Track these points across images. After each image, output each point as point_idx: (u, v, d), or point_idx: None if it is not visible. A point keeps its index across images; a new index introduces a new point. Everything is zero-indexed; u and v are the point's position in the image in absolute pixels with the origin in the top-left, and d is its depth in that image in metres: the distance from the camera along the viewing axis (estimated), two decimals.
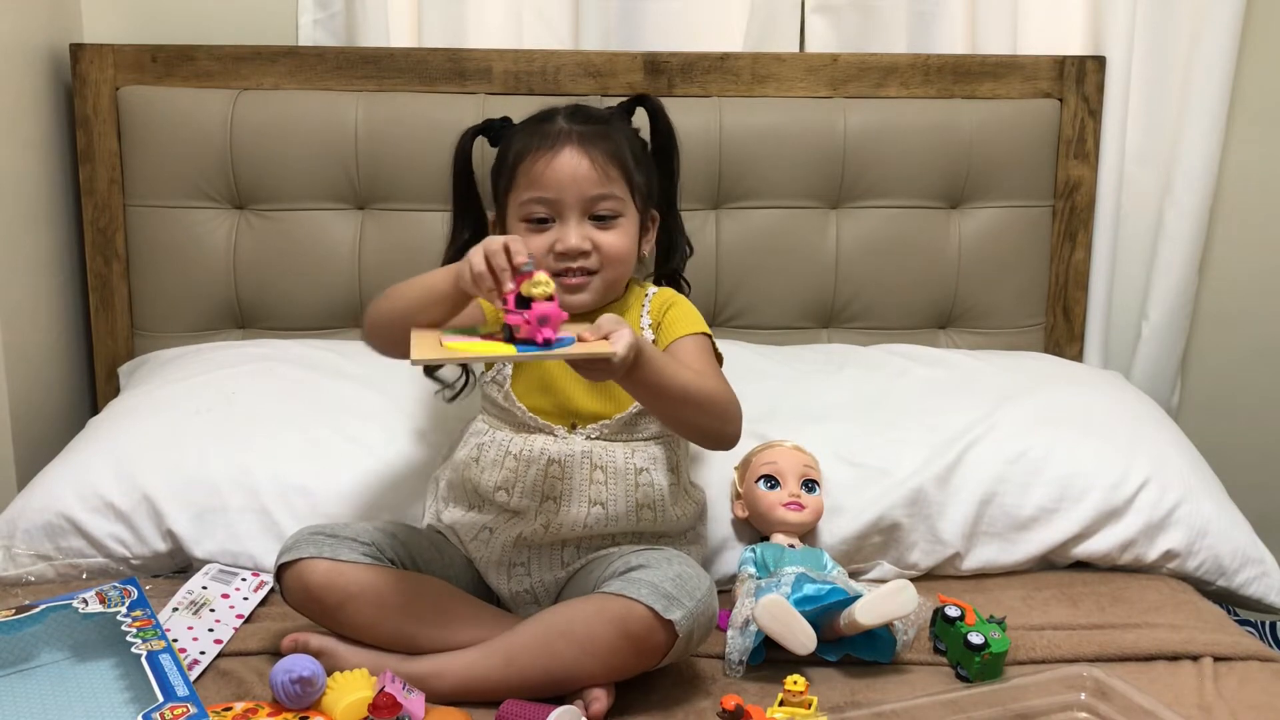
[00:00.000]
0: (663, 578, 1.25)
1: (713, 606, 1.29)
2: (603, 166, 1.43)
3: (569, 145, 1.43)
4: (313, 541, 1.33)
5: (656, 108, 1.57)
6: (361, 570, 1.32)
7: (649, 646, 1.24)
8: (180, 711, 1.16)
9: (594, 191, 1.42)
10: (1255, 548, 1.63)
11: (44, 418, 1.82)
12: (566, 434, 1.42)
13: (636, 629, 1.23)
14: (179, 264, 1.87)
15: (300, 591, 1.32)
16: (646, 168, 1.51)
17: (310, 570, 1.31)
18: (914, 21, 1.96)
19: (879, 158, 1.90)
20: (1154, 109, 1.99)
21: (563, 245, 1.42)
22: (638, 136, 1.54)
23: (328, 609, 1.31)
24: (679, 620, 1.23)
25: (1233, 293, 2.09)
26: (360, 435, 1.61)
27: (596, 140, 1.44)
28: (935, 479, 1.58)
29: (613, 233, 1.44)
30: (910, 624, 1.37)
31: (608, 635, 1.24)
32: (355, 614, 1.31)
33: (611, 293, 1.48)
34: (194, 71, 1.86)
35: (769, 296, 1.92)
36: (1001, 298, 1.96)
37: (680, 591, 1.24)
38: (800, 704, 1.25)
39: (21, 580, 1.49)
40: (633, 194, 1.47)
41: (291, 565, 1.32)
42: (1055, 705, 1.22)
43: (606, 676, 1.26)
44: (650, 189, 1.52)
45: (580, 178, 1.42)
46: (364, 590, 1.31)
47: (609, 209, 1.44)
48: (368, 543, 1.35)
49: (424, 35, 1.94)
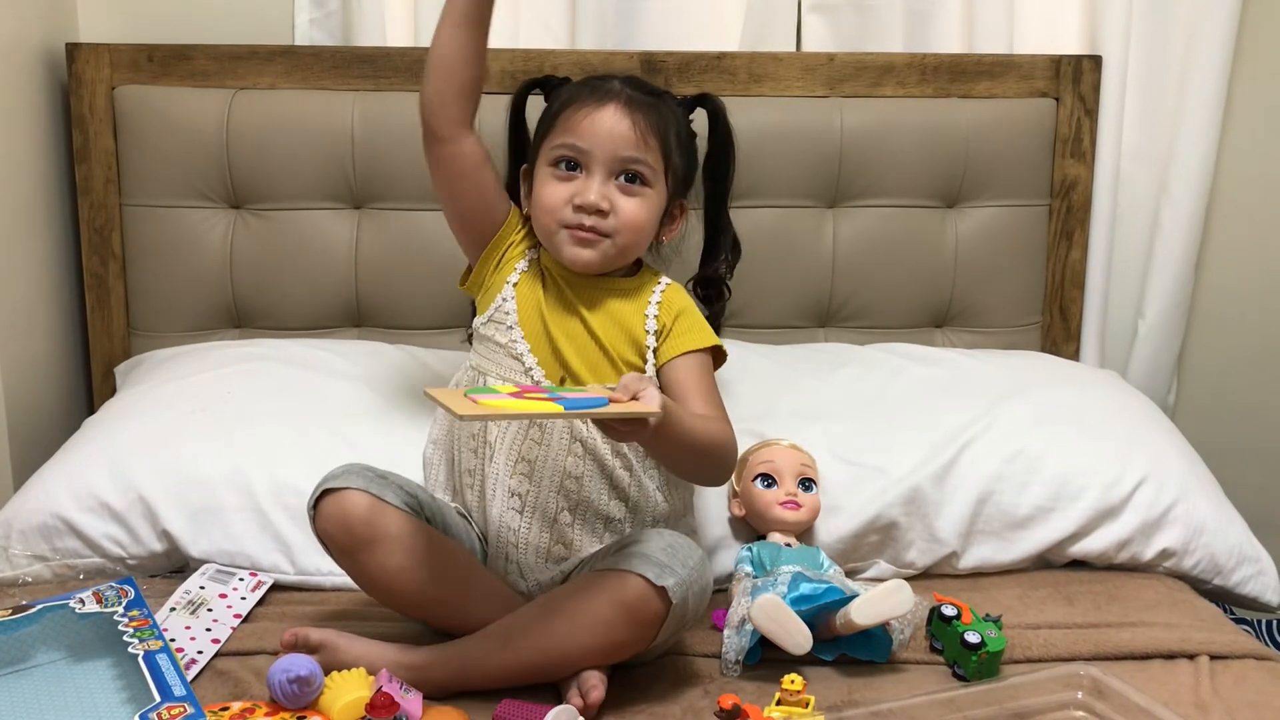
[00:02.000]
0: (653, 548, 1.26)
1: (706, 576, 1.28)
2: (643, 132, 1.40)
3: (615, 103, 1.41)
4: (361, 475, 1.32)
5: (718, 109, 1.53)
6: (401, 516, 1.31)
7: (644, 617, 1.24)
8: (177, 711, 1.15)
9: (627, 152, 1.40)
10: (1251, 546, 1.63)
11: (40, 418, 1.82)
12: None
13: (630, 599, 1.23)
14: (175, 263, 1.87)
15: (338, 520, 1.30)
16: (687, 156, 1.49)
17: (353, 502, 1.29)
18: (910, 21, 1.96)
19: (875, 157, 1.90)
20: (1150, 108, 2.00)
21: (581, 199, 1.39)
22: (688, 126, 1.50)
23: (360, 544, 1.29)
24: (671, 586, 1.23)
25: (1229, 291, 2.10)
26: (356, 435, 1.61)
27: (644, 108, 1.42)
28: (932, 478, 1.58)
29: (635, 200, 1.41)
30: (906, 623, 1.38)
31: (602, 608, 1.24)
32: (385, 557, 1.30)
33: (618, 261, 1.45)
34: (190, 71, 1.86)
35: (766, 296, 1.92)
36: (998, 297, 1.96)
37: (671, 559, 1.24)
38: (797, 703, 1.25)
39: (18, 581, 1.49)
40: (666, 171, 1.44)
41: (333, 493, 1.30)
42: (1052, 704, 1.22)
43: (604, 655, 1.26)
44: (686, 178, 1.49)
45: (617, 135, 1.39)
46: (401, 535, 1.30)
47: (638, 171, 1.41)
48: (412, 494, 1.35)
49: (420, 34, 1.94)
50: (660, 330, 1.45)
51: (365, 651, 1.29)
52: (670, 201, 1.47)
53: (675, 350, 1.44)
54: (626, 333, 1.45)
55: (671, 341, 1.45)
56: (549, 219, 1.42)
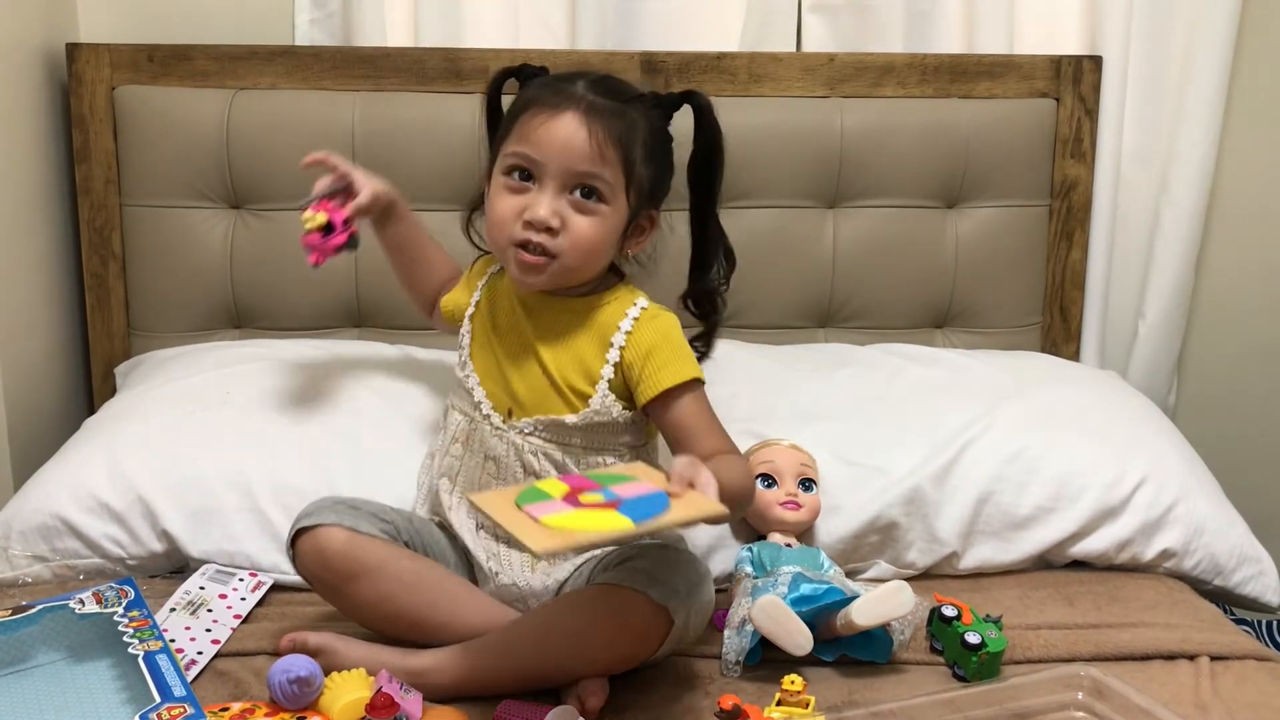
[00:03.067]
0: (656, 565, 1.25)
1: (708, 593, 1.28)
2: (600, 144, 1.30)
3: (573, 111, 1.30)
4: (334, 510, 1.31)
5: (704, 106, 1.41)
6: (379, 545, 1.30)
7: (644, 634, 1.24)
8: (177, 712, 1.15)
9: (581, 167, 1.30)
10: (1252, 547, 1.63)
11: (40, 418, 1.82)
12: (501, 424, 1.38)
13: (631, 617, 1.22)
14: (175, 264, 1.87)
15: (315, 557, 1.29)
16: (657, 164, 1.37)
17: (329, 538, 1.28)
18: (911, 21, 1.96)
19: (876, 157, 1.90)
20: (1151, 108, 1.99)
21: (530, 214, 1.31)
22: (662, 130, 1.39)
23: (341, 579, 1.29)
24: (674, 606, 1.22)
25: (1229, 292, 2.09)
26: (356, 435, 1.61)
27: (606, 116, 1.31)
28: (932, 478, 1.58)
29: (588, 220, 1.32)
30: (907, 624, 1.37)
31: (603, 625, 1.23)
32: (368, 588, 1.29)
33: (568, 281, 1.37)
34: (190, 71, 1.86)
35: (766, 296, 1.92)
36: (998, 297, 1.96)
37: (674, 577, 1.24)
38: (797, 703, 1.24)
39: (18, 581, 1.49)
40: (627, 185, 1.33)
41: (309, 531, 1.29)
42: (1052, 704, 1.22)
43: (604, 668, 1.25)
44: (655, 188, 1.39)
45: (573, 147, 1.29)
46: (381, 565, 1.29)
47: (594, 187, 1.31)
48: (388, 521, 1.34)
49: (420, 35, 1.94)
50: (626, 366, 1.36)
51: (364, 655, 1.29)
52: (636, 214, 1.37)
53: (655, 389, 1.34)
54: (577, 359, 1.37)
55: (648, 381, 1.34)
56: (499, 233, 1.35)
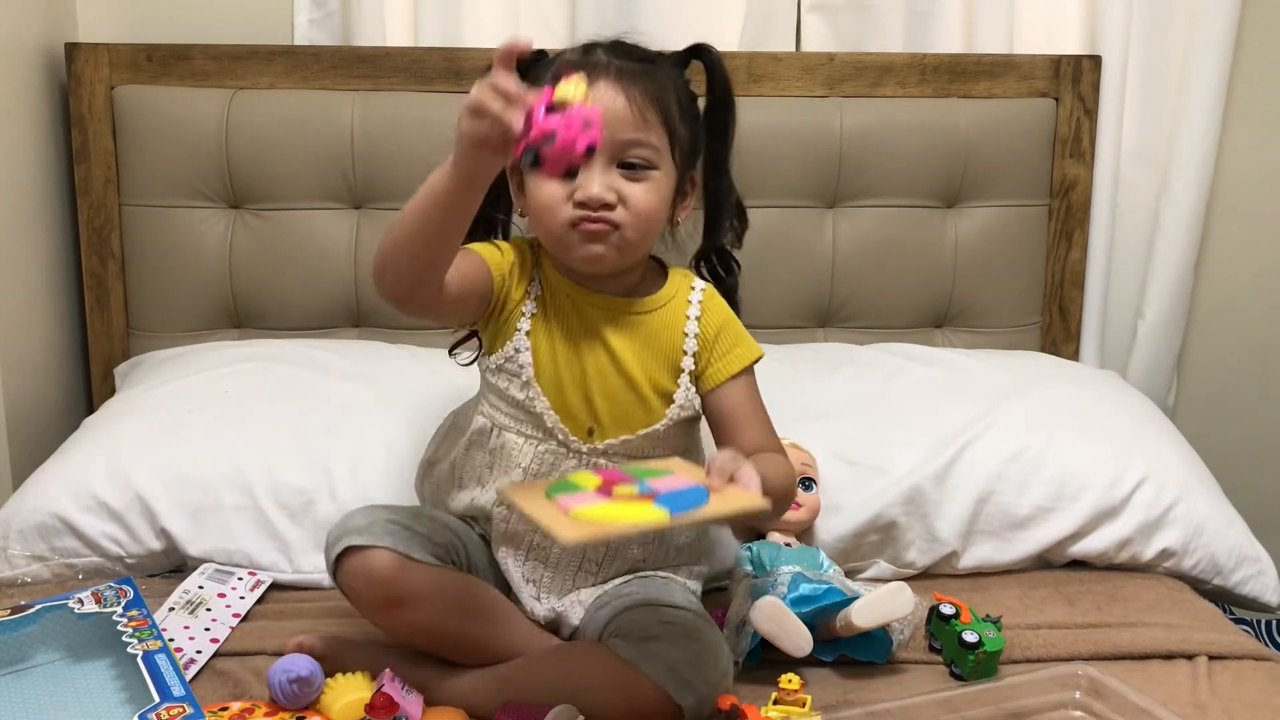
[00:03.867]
0: (679, 658, 1.19)
1: (726, 684, 1.22)
2: (641, 108, 1.24)
3: (606, 78, 1.24)
4: (388, 531, 1.24)
5: (715, 60, 1.35)
6: (431, 572, 1.24)
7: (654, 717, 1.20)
8: (176, 711, 1.15)
9: (627, 135, 1.23)
10: (1251, 546, 1.63)
11: (39, 418, 1.82)
12: (581, 444, 1.30)
13: (644, 705, 1.19)
14: (174, 264, 1.87)
15: (362, 579, 1.23)
16: (693, 122, 1.31)
17: (380, 562, 1.22)
18: (910, 21, 1.96)
19: (875, 157, 1.90)
20: (1150, 108, 1.99)
21: (583, 194, 1.22)
22: (688, 86, 1.33)
23: (388, 604, 1.23)
24: (690, 705, 1.19)
25: (1229, 291, 2.09)
26: (355, 435, 1.61)
27: (638, 78, 1.25)
28: (932, 478, 1.58)
29: (643, 185, 1.25)
30: (906, 625, 1.37)
31: (614, 703, 1.19)
32: (414, 614, 1.24)
33: (631, 255, 1.29)
34: (189, 71, 1.86)
35: (766, 296, 1.92)
36: (998, 297, 1.96)
37: (695, 675, 1.19)
38: (794, 703, 1.24)
39: (17, 581, 1.49)
40: (672, 146, 1.27)
41: (358, 550, 1.22)
42: (1050, 704, 1.22)
43: None
44: (695, 147, 1.32)
45: (613, 117, 1.21)
46: (432, 595, 1.24)
47: (642, 157, 1.24)
48: (439, 543, 1.28)
49: (420, 35, 1.94)
50: (701, 349, 1.32)
51: (369, 661, 1.28)
52: (681, 178, 1.31)
53: (724, 374, 1.32)
54: (663, 357, 1.32)
55: (717, 364, 1.32)
56: (551, 219, 1.26)
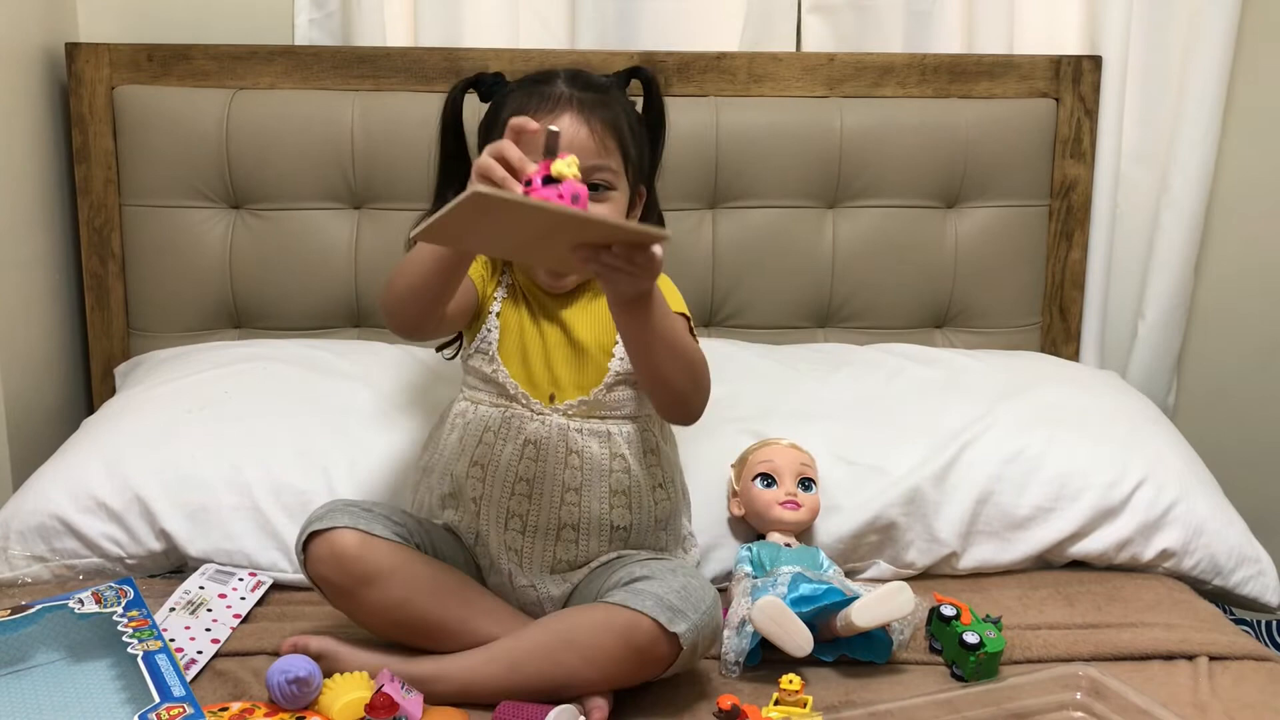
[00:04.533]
0: (667, 590, 1.25)
1: (717, 618, 1.28)
2: (600, 136, 1.37)
3: (569, 111, 1.37)
4: (347, 512, 1.31)
5: (650, 79, 1.49)
6: (394, 548, 1.30)
7: (653, 658, 1.24)
8: (177, 712, 1.15)
9: (590, 162, 1.34)
10: (1251, 547, 1.63)
11: (39, 418, 1.82)
12: (544, 408, 1.38)
13: (641, 641, 1.23)
14: (175, 264, 1.87)
15: (329, 561, 1.29)
16: (640, 141, 1.46)
17: (343, 541, 1.28)
18: (910, 21, 1.96)
19: (875, 157, 1.90)
20: (1150, 108, 1.99)
21: None
22: (634, 108, 1.48)
23: (355, 583, 1.29)
24: (683, 633, 1.23)
25: (1229, 292, 2.09)
26: (355, 434, 1.61)
27: (596, 108, 1.38)
28: (932, 478, 1.58)
29: (605, 206, 1.38)
30: (907, 625, 1.37)
31: (612, 646, 1.24)
32: (382, 592, 1.29)
33: None
34: (190, 71, 1.86)
35: (765, 296, 1.92)
36: (998, 297, 1.96)
37: (685, 604, 1.24)
38: (795, 703, 1.25)
39: (17, 582, 1.49)
40: (626, 167, 1.41)
41: (322, 534, 1.29)
42: (1050, 704, 1.22)
43: (609, 685, 1.26)
44: (642, 163, 1.47)
45: (577, 146, 1.34)
46: (396, 568, 1.29)
47: (603, 180, 1.37)
48: (400, 523, 1.34)
49: (420, 35, 1.94)
50: None
51: (366, 661, 1.29)
52: (633, 190, 1.45)
53: None
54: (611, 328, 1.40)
55: None
56: None
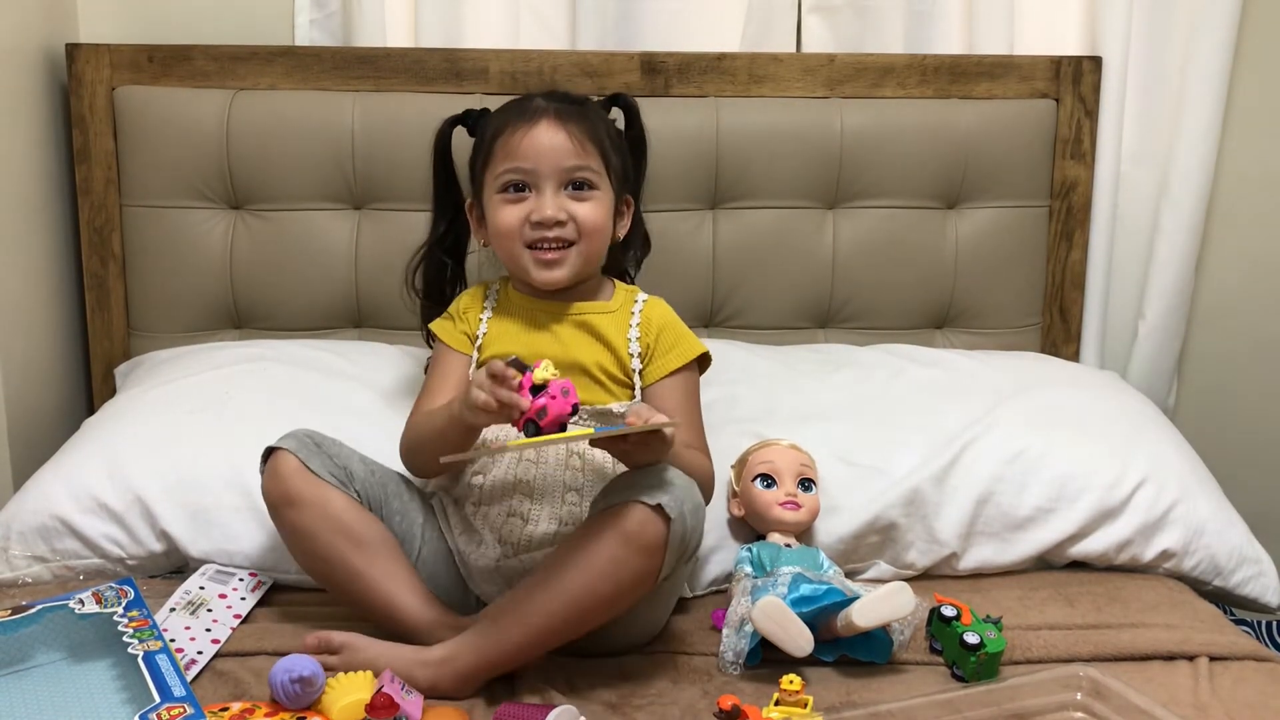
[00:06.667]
0: (638, 478, 1.28)
1: (696, 494, 1.30)
2: (579, 140, 1.46)
3: (546, 118, 1.46)
4: (297, 439, 1.39)
5: (630, 106, 1.60)
6: (321, 484, 1.37)
7: (647, 540, 1.25)
8: (177, 712, 1.15)
9: (570, 162, 1.45)
10: (1251, 547, 1.63)
11: (40, 419, 1.82)
12: None
13: (630, 526, 1.25)
14: (175, 264, 1.87)
15: (268, 475, 1.38)
16: (621, 152, 1.54)
17: (282, 462, 1.37)
18: (911, 21, 1.96)
19: (876, 158, 1.90)
20: (1150, 109, 1.99)
21: (538, 214, 1.44)
22: (614, 125, 1.56)
23: (282, 500, 1.37)
24: (667, 502, 1.25)
25: (1229, 292, 2.09)
26: (355, 435, 1.60)
27: (573, 117, 1.47)
28: (932, 479, 1.58)
29: (588, 204, 1.46)
30: (907, 625, 1.37)
31: (606, 544, 1.26)
32: (297, 516, 1.36)
33: (588, 268, 1.50)
34: (190, 71, 1.86)
35: (766, 296, 1.92)
36: (998, 298, 1.96)
37: (658, 482, 1.27)
38: (796, 703, 1.25)
39: (17, 582, 1.49)
40: (608, 170, 1.49)
41: (274, 452, 1.39)
42: (1051, 705, 1.22)
43: (617, 596, 1.27)
44: (625, 173, 1.55)
45: (557, 148, 1.45)
46: (313, 501, 1.36)
47: (585, 179, 1.46)
48: (343, 467, 1.40)
49: (420, 35, 1.94)
50: (644, 351, 1.49)
51: (383, 652, 1.30)
52: (617, 198, 1.53)
53: (661, 371, 1.48)
54: (611, 354, 1.48)
55: (658, 361, 1.48)
56: (510, 242, 1.47)
